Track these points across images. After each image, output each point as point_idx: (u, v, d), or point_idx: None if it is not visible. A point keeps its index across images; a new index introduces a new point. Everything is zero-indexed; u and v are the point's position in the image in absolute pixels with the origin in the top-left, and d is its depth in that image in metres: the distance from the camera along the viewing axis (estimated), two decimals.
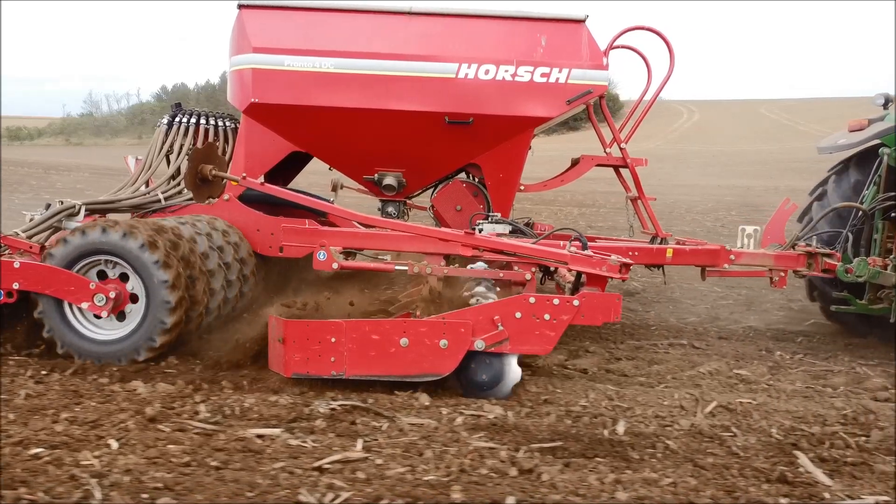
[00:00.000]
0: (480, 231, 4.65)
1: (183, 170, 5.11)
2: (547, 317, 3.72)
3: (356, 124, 4.99)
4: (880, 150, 5.22)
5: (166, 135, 5.48)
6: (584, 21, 4.96)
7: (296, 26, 4.99)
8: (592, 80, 4.93)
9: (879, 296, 4.98)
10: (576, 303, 3.75)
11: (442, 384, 3.75)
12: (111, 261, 4.14)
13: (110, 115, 67.80)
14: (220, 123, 5.57)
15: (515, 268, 4.27)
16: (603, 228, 11.62)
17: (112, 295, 4.01)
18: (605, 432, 3.28)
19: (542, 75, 4.89)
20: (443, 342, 3.63)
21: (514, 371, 3.74)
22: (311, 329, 3.68)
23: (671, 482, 2.75)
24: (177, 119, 5.50)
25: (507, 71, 4.87)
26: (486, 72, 4.88)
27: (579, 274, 4.12)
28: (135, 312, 4.15)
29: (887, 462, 3.07)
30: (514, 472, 2.79)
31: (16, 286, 4.04)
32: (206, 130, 5.48)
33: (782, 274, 4.90)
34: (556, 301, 3.75)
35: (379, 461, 2.83)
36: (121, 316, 4.19)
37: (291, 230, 4.45)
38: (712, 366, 4.62)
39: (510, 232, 4.85)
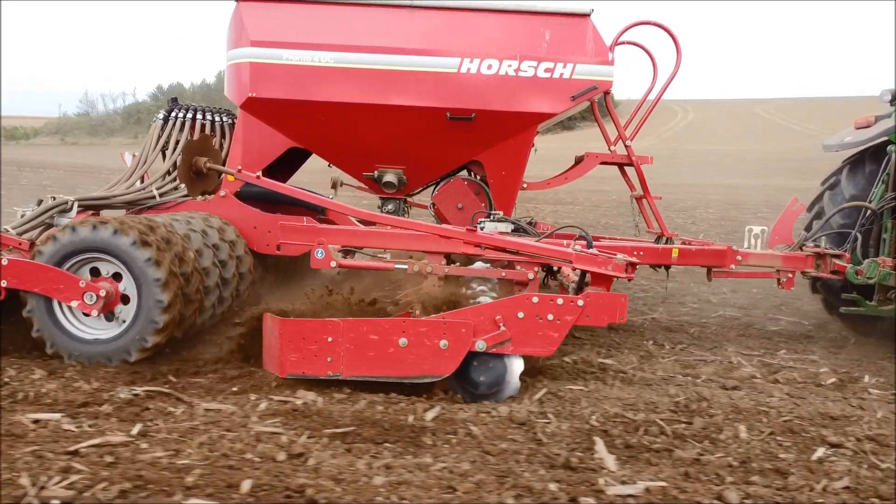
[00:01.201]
0: (482, 229, 4.55)
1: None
2: (550, 317, 3.63)
3: (356, 120, 4.89)
4: (888, 147, 5.13)
5: (162, 130, 5.37)
6: (589, 15, 4.86)
7: (295, 19, 4.89)
8: (597, 75, 4.83)
9: (889, 297, 4.89)
10: (580, 303, 3.66)
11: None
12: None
13: (106, 115, 67.61)
14: (217, 118, 5.46)
15: (518, 267, 4.17)
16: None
17: (102, 293, 3.90)
18: (411, 418, 3.24)
19: (546, 70, 4.79)
20: (443, 342, 3.53)
21: (515, 374, 3.65)
22: (308, 328, 3.58)
23: (444, 467, 2.71)
24: (173, 114, 5.40)
25: (510, 66, 4.77)
26: (489, 67, 4.78)
27: (584, 273, 4.03)
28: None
29: (694, 448, 3.04)
30: (281, 456, 2.75)
31: (3, 284, 3.93)
32: (203, 125, 5.38)
33: (790, 275, 4.83)
34: (559, 301, 3.66)
35: (144, 446, 2.80)
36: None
37: (289, 228, 4.34)
38: (581, 355, 4.55)
39: (512, 230, 4.76)
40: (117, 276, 4.02)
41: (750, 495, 2.58)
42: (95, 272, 4.04)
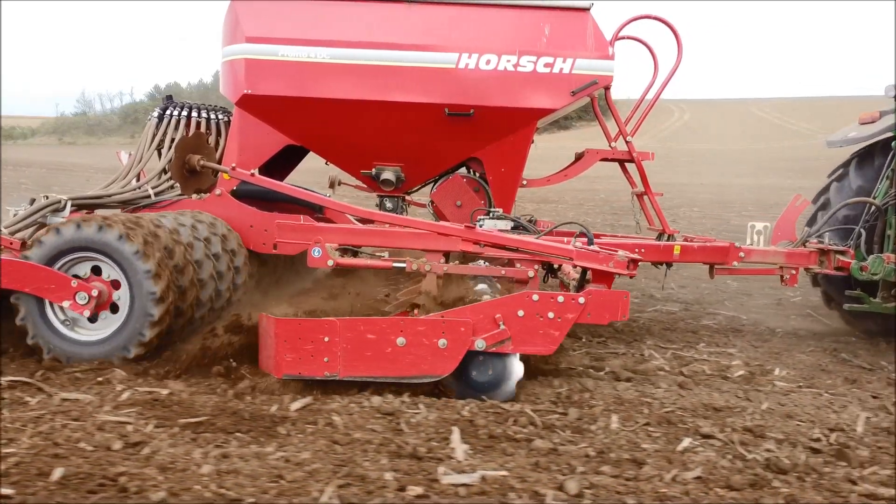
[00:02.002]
0: (481, 227, 4.48)
1: None
2: (551, 315, 3.57)
3: (353, 117, 4.83)
4: (893, 142, 5.08)
5: (157, 128, 5.30)
6: (589, 9, 4.80)
7: (290, 15, 4.82)
8: (598, 70, 4.77)
9: (893, 294, 4.83)
10: (581, 300, 3.59)
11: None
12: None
13: (103, 115, 67.61)
14: (213, 116, 5.39)
15: (518, 265, 4.11)
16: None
17: (95, 293, 3.83)
18: (274, 408, 3.22)
19: (546, 65, 4.72)
20: (442, 342, 3.47)
21: (516, 373, 3.59)
22: (304, 328, 3.51)
23: (282, 456, 2.68)
24: (168, 112, 5.33)
25: (509, 61, 4.71)
26: (488, 62, 4.71)
27: (585, 271, 3.96)
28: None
29: (560, 438, 3.01)
30: (118, 445, 2.73)
31: None
32: (198, 123, 5.31)
33: (793, 272, 4.77)
34: (560, 299, 3.59)
35: None
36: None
37: (286, 226, 4.28)
38: None
39: (512, 228, 4.69)
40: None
41: (593, 485, 2.54)
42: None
